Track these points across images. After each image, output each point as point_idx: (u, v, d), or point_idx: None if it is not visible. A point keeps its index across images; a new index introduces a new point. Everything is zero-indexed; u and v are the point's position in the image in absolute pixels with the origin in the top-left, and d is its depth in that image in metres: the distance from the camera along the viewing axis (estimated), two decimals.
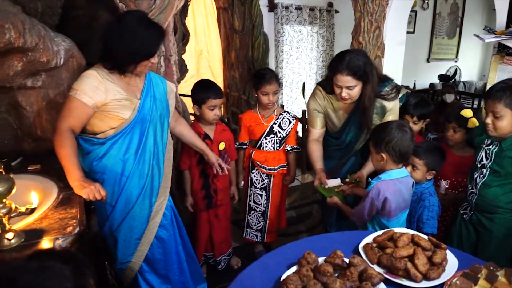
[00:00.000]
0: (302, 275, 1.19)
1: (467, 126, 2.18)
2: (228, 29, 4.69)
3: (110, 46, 1.67)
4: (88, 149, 1.76)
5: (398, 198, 1.76)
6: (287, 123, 2.61)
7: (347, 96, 2.07)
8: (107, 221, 1.86)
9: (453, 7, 7.27)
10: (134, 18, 1.68)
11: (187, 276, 2.14)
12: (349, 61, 2.00)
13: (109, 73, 1.71)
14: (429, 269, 1.31)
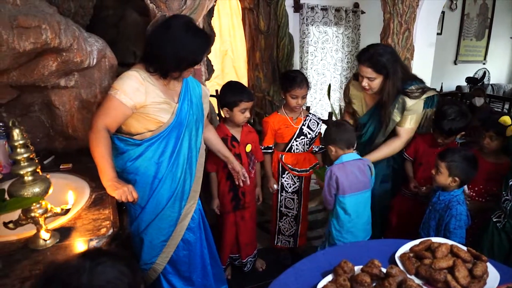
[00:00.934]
0: (339, 285, 1.16)
1: (505, 134, 2.09)
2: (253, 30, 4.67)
3: (156, 50, 1.66)
4: (123, 149, 1.76)
5: (349, 177, 2.05)
6: (315, 124, 2.59)
7: (367, 86, 2.22)
8: (135, 221, 1.86)
9: (483, 8, 7.07)
10: (181, 24, 1.66)
11: (210, 279, 2.13)
12: (372, 54, 2.15)
13: (150, 75, 1.70)
14: (470, 282, 1.27)
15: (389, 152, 2.36)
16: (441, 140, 2.30)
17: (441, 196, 2.03)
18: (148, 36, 1.71)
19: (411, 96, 2.23)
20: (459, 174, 1.95)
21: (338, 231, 2.12)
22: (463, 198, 2.02)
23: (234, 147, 2.33)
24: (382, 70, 2.15)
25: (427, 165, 2.35)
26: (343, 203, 2.07)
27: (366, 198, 2.14)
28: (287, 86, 2.43)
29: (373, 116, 2.40)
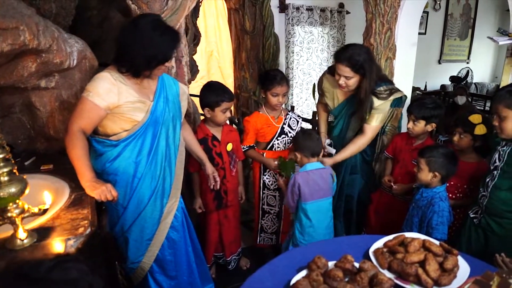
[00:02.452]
0: (312, 280, 1.19)
1: (473, 132, 2.14)
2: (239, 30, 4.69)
3: (125, 50, 1.68)
4: (100, 150, 1.77)
5: (311, 186, 2.17)
6: (295, 122, 2.64)
7: (344, 84, 2.31)
8: (118, 222, 1.88)
9: (466, 8, 7.18)
10: (149, 22, 1.68)
11: (196, 277, 2.16)
12: (351, 54, 2.22)
13: (122, 75, 1.72)
14: (440, 275, 1.30)
15: (355, 149, 2.48)
16: (410, 126, 2.34)
17: (424, 193, 2.08)
18: (117, 36, 1.71)
19: (379, 97, 2.34)
20: (438, 169, 2.00)
21: (300, 234, 2.23)
22: (446, 195, 2.07)
23: (215, 147, 2.35)
24: (359, 70, 2.24)
25: (403, 162, 2.41)
26: (305, 209, 2.18)
27: (327, 205, 2.26)
28: (268, 84, 2.47)
29: (343, 111, 2.52)
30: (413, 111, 2.32)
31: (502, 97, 1.77)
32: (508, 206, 1.87)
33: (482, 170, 2.15)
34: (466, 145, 2.22)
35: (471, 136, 2.17)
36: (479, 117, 2.15)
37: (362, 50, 2.28)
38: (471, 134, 2.17)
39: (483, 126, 2.13)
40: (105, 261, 1.59)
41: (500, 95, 1.79)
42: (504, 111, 1.76)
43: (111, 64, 1.75)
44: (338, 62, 2.26)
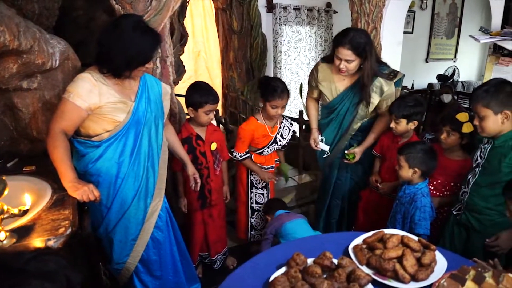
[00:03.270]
0: (290, 276, 1.21)
1: (461, 130, 2.17)
2: (227, 30, 4.71)
3: (105, 51, 1.67)
4: (83, 151, 1.77)
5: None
6: (287, 131, 2.67)
7: (344, 68, 2.31)
8: (102, 223, 1.88)
9: (452, 7, 7.26)
10: (129, 23, 1.68)
11: (182, 277, 2.16)
12: (352, 37, 2.24)
13: (103, 76, 1.72)
14: (418, 270, 1.33)
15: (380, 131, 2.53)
16: (393, 125, 2.36)
17: (407, 189, 2.11)
18: (98, 36, 1.71)
19: (387, 79, 2.38)
20: (418, 164, 2.03)
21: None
22: (428, 190, 2.10)
23: (199, 146, 2.36)
24: (361, 53, 2.27)
25: (390, 160, 2.44)
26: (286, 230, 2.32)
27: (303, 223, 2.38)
28: (268, 95, 2.43)
29: (345, 100, 2.50)
30: (394, 111, 2.34)
31: (479, 96, 1.79)
32: (487, 203, 1.91)
33: (468, 168, 2.18)
34: (453, 143, 2.25)
35: (459, 134, 2.20)
36: (466, 115, 2.17)
37: (363, 33, 2.33)
38: (459, 132, 2.19)
39: (470, 124, 2.15)
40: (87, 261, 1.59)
41: (477, 95, 1.80)
42: (483, 111, 1.78)
43: (92, 64, 1.74)
44: (339, 45, 2.26)
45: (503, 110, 1.76)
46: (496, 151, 1.84)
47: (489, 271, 1.31)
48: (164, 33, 2.48)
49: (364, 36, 2.30)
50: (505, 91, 1.76)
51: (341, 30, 2.35)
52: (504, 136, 1.82)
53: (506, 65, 3.02)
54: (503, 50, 2.90)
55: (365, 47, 2.26)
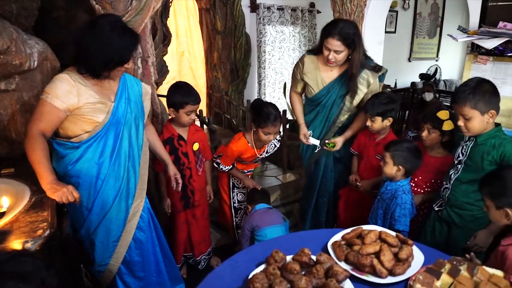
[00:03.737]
0: (269, 274, 1.22)
1: (442, 128, 2.20)
2: (210, 30, 4.71)
3: (83, 51, 1.66)
4: (62, 153, 1.75)
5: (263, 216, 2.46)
6: (272, 147, 2.71)
7: (333, 59, 2.33)
8: (84, 224, 1.86)
9: (434, 7, 7.37)
10: (107, 23, 1.67)
11: (165, 277, 2.16)
12: (341, 27, 2.26)
13: (82, 76, 1.70)
14: (395, 265, 1.35)
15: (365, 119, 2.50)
16: (369, 123, 2.39)
17: (389, 186, 2.14)
18: (76, 36, 1.70)
19: (373, 71, 2.43)
20: (402, 162, 2.06)
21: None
22: (409, 188, 2.13)
23: (181, 146, 2.35)
24: (350, 44, 2.30)
25: (368, 157, 2.48)
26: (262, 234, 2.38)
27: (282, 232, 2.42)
28: (261, 122, 2.40)
29: (331, 92, 2.51)
30: (368, 110, 2.37)
31: (464, 99, 1.78)
32: (468, 198, 1.94)
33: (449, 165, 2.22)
34: (434, 141, 2.28)
35: (439, 131, 2.23)
36: (447, 113, 2.21)
37: (351, 24, 2.36)
38: (439, 130, 2.23)
39: (450, 122, 2.18)
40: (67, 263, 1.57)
41: (463, 97, 1.79)
42: (470, 112, 1.79)
43: (70, 65, 1.73)
44: (329, 36, 2.28)
45: (489, 110, 1.79)
46: (479, 149, 1.88)
47: (464, 264, 1.34)
48: (145, 33, 2.47)
49: (353, 27, 2.33)
50: (489, 91, 1.79)
51: (330, 21, 2.38)
52: (486, 134, 1.85)
53: (484, 63, 3.08)
54: (481, 48, 2.96)
55: (354, 38, 2.29)
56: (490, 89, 1.80)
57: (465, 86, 1.83)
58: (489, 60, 3.04)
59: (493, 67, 3.04)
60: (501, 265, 1.47)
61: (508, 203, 1.46)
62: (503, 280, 1.27)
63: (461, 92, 1.82)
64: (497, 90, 1.82)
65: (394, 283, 1.33)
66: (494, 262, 1.52)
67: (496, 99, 1.81)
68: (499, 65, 3.00)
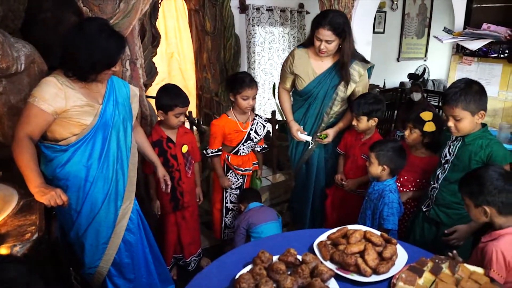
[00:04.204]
0: (255, 274, 1.24)
1: (423, 128, 2.24)
2: (200, 31, 4.71)
3: (70, 54, 1.67)
4: (50, 156, 1.75)
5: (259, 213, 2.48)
6: (261, 127, 2.68)
7: (325, 49, 2.38)
8: (73, 227, 1.86)
9: (421, 8, 7.45)
10: (94, 26, 1.68)
11: (155, 279, 2.17)
12: (331, 17, 2.31)
13: (69, 79, 1.71)
14: (379, 263, 1.38)
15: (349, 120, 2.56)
16: (355, 123, 2.43)
17: (375, 186, 2.17)
18: (63, 39, 1.70)
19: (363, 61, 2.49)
20: (387, 162, 2.09)
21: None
22: (395, 187, 2.16)
23: (170, 148, 2.36)
24: (341, 33, 2.35)
25: (354, 157, 2.51)
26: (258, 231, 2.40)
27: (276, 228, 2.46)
28: (237, 88, 2.46)
29: (322, 83, 2.53)
30: (354, 109, 2.42)
31: (456, 100, 1.81)
32: (456, 198, 1.98)
33: (433, 165, 2.26)
34: (415, 141, 2.32)
35: (421, 132, 2.27)
36: (430, 114, 2.25)
37: (341, 14, 2.42)
38: (421, 130, 2.27)
39: (432, 124, 2.22)
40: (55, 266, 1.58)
41: (454, 98, 1.82)
42: (462, 113, 1.83)
43: (57, 68, 1.73)
44: (319, 27, 2.33)
45: (479, 110, 1.84)
46: (466, 149, 1.92)
47: (446, 262, 1.38)
48: (134, 35, 2.47)
49: (343, 16, 2.38)
50: (479, 92, 1.83)
51: (320, 12, 2.43)
52: (474, 135, 1.89)
53: (469, 64, 3.14)
54: (466, 49, 3.01)
55: (344, 27, 2.34)
56: (479, 90, 1.84)
57: (455, 88, 1.86)
58: (474, 61, 3.10)
59: (477, 68, 3.10)
60: (481, 261, 1.51)
61: (485, 201, 1.50)
62: (483, 277, 1.30)
63: (452, 93, 1.84)
64: (485, 90, 1.87)
65: (378, 281, 1.35)
66: (475, 259, 1.56)
67: (485, 100, 1.86)
68: (484, 65, 3.06)
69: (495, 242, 1.48)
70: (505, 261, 1.43)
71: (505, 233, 1.49)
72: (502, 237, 1.49)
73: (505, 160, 1.84)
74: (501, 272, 1.43)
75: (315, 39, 2.39)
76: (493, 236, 1.51)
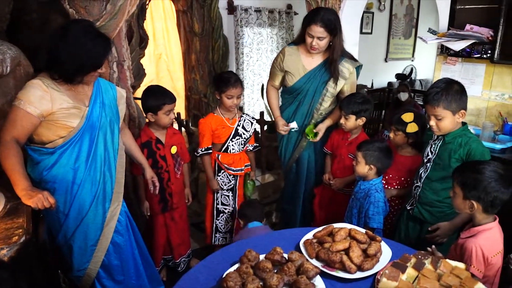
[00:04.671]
0: (242, 272, 1.26)
1: (406, 130, 2.28)
2: (188, 32, 4.71)
3: (55, 57, 1.67)
4: (37, 159, 1.75)
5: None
6: (249, 124, 2.69)
7: (316, 45, 2.42)
8: (61, 230, 1.86)
9: (409, 9, 7.54)
10: (79, 29, 1.68)
11: (144, 280, 2.17)
12: (323, 14, 2.36)
13: (55, 82, 1.71)
14: (363, 260, 1.41)
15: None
16: (343, 121, 2.46)
17: (362, 185, 2.20)
18: (47, 42, 1.70)
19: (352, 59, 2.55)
20: (374, 162, 2.12)
21: None
22: (381, 186, 2.20)
23: (159, 150, 2.37)
24: (332, 30, 2.39)
25: (340, 156, 2.55)
26: None
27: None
28: (222, 86, 2.49)
29: (312, 79, 2.57)
30: (343, 108, 2.45)
31: (438, 100, 1.85)
32: (438, 196, 2.03)
33: (417, 164, 2.30)
34: (401, 142, 2.37)
35: (404, 133, 2.32)
36: (411, 115, 2.29)
37: (332, 11, 2.49)
38: (404, 132, 2.31)
39: (414, 125, 2.27)
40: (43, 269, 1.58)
41: (436, 98, 1.86)
42: (443, 112, 1.87)
43: (42, 71, 1.73)
44: (312, 23, 2.37)
45: (460, 109, 1.88)
46: (446, 147, 1.96)
47: (429, 258, 1.41)
48: (121, 37, 2.47)
49: (334, 14, 2.44)
50: (459, 91, 1.87)
51: (311, 10, 2.48)
52: (454, 133, 1.93)
53: (453, 64, 3.19)
54: (450, 50, 3.06)
55: (335, 24, 2.39)
56: (460, 89, 1.88)
57: (436, 88, 1.89)
58: (458, 61, 3.16)
59: (461, 68, 3.16)
60: (460, 257, 1.55)
61: (476, 197, 1.52)
62: (464, 272, 1.34)
63: (433, 93, 1.88)
64: (465, 90, 1.91)
65: (363, 278, 1.38)
66: (454, 254, 1.60)
67: (465, 99, 1.90)
68: (467, 66, 3.12)
69: (474, 239, 1.52)
70: (484, 257, 1.48)
71: (483, 230, 1.53)
72: (480, 233, 1.53)
73: (483, 157, 1.87)
74: (480, 268, 1.47)
75: (306, 35, 2.44)
76: (471, 233, 1.55)
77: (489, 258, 1.48)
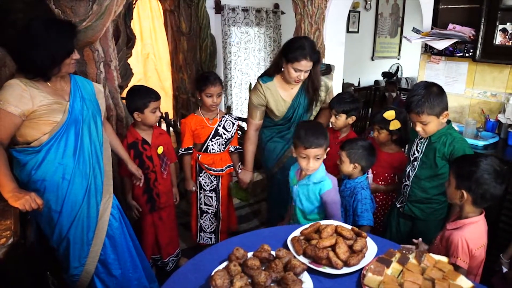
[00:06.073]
0: (230, 270, 1.28)
1: (389, 128, 2.33)
2: (175, 32, 4.69)
3: (25, 56, 1.66)
4: (24, 160, 1.74)
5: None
6: (230, 125, 2.68)
7: (302, 78, 2.39)
8: (55, 228, 1.85)
9: (394, 8, 7.63)
10: (40, 23, 1.68)
11: (141, 271, 2.17)
12: (309, 47, 2.32)
13: (32, 80, 1.70)
14: (349, 256, 1.43)
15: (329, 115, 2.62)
16: (333, 120, 2.51)
17: (347, 183, 2.23)
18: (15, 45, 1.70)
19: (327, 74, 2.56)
20: (358, 160, 2.16)
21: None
22: (367, 184, 2.23)
23: (146, 150, 2.38)
24: (318, 60, 2.39)
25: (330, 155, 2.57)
26: None
27: None
28: (201, 85, 2.51)
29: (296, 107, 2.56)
30: (334, 107, 2.49)
31: (421, 107, 1.88)
32: (427, 194, 2.08)
33: (401, 159, 2.37)
34: (384, 140, 2.43)
35: (387, 131, 2.37)
36: (392, 113, 2.34)
37: (311, 40, 2.43)
38: (387, 130, 2.36)
39: (396, 122, 2.32)
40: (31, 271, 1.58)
41: (419, 105, 1.88)
42: (429, 118, 1.90)
43: (16, 73, 1.72)
44: (301, 59, 2.29)
45: (443, 111, 1.92)
46: (432, 146, 2.00)
47: (413, 253, 1.45)
48: (107, 37, 2.47)
49: (312, 41, 2.42)
50: (439, 94, 1.90)
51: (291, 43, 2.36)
52: (439, 132, 1.98)
53: (437, 63, 3.25)
54: (433, 49, 3.12)
55: (319, 53, 2.39)
56: (439, 91, 1.92)
57: (417, 95, 1.90)
58: (442, 60, 3.21)
59: (445, 66, 3.21)
60: (445, 248, 1.59)
61: (468, 187, 1.55)
62: (447, 265, 1.38)
63: (416, 101, 1.90)
64: (444, 90, 1.95)
65: (349, 273, 1.41)
66: (439, 245, 1.65)
67: (446, 100, 1.94)
68: (451, 64, 3.18)
69: (460, 232, 1.56)
70: (469, 249, 1.52)
71: (469, 223, 1.58)
72: (466, 226, 1.57)
73: None
74: (466, 259, 1.52)
75: (290, 69, 2.35)
76: (458, 225, 1.60)
77: (473, 250, 1.53)
